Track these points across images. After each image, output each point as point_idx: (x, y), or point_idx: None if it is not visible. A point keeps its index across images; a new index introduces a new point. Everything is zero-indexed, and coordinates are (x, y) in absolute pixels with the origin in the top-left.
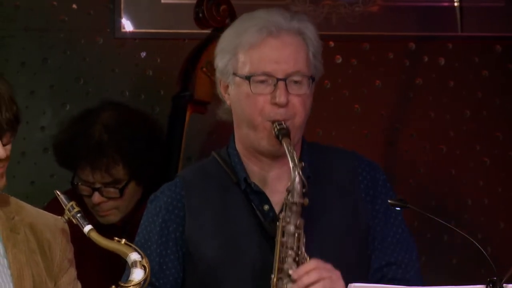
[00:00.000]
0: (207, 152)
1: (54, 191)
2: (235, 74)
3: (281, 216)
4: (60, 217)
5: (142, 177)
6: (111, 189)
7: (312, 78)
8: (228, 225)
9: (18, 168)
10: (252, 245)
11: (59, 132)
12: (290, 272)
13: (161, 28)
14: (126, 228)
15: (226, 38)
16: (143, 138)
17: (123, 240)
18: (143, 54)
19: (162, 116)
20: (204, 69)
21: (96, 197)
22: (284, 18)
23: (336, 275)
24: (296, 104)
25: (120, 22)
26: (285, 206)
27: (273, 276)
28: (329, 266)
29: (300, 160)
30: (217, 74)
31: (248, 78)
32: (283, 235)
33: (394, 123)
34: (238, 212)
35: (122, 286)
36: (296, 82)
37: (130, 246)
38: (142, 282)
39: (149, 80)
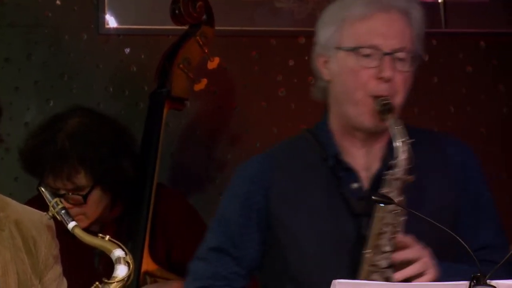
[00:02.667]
0: (188, 147)
1: (39, 188)
2: (338, 47)
3: (380, 192)
4: (44, 213)
5: (107, 183)
6: (75, 196)
7: (416, 57)
8: (313, 200)
9: (2, 164)
10: (337, 221)
11: (27, 139)
12: (386, 248)
13: (145, 25)
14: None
15: (331, 11)
16: (108, 145)
17: (107, 237)
18: (127, 50)
19: (146, 112)
20: (181, 65)
21: None
22: None
23: (432, 266)
24: (399, 82)
25: (104, 18)
26: (388, 180)
27: (367, 251)
28: (427, 257)
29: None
30: (317, 49)
31: (354, 49)
32: (381, 211)
33: None
34: (324, 187)
35: (105, 282)
36: (401, 59)
37: (114, 242)
38: (126, 279)
39: (133, 76)
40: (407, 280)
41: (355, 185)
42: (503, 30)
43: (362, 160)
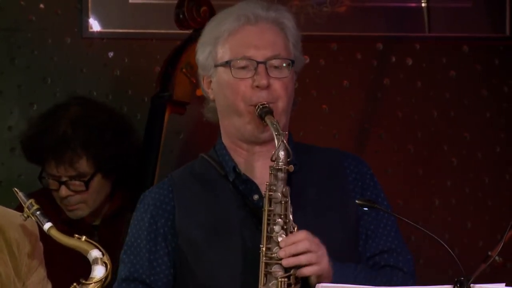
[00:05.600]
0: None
1: (13, 189)
2: (216, 65)
3: (266, 184)
4: (19, 213)
5: (108, 170)
6: (77, 182)
7: (292, 62)
8: (218, 216)
9: None
10: (242, 233)
11: (28, 127)
12: (279, 239)
13: (129, 28)
14: (95, 224)
15: (206, 32)
16: (109, 132)
17: (84, 237)
18: (111, 54)
19: (130, 116)
20: (184, 70)
21: (63, 191)
22: (262, 8)
23: (322, 251)
24: (278, 88)
25: (87, 22)
26: (270, 174)
27: (262, 246)
28: (317, 240)
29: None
30: (199, 70)
31: (228, 63)
32: (270, 204)
33: (362, 123)
34: (227, 202)
35: (83, 283)
36: (276, 67)
37: (91, 243)
38: (103, 279)
39: (116, 80)
40: (297, 267)
41: (256, 197)
42: (486, 34)
43: (260, 172)
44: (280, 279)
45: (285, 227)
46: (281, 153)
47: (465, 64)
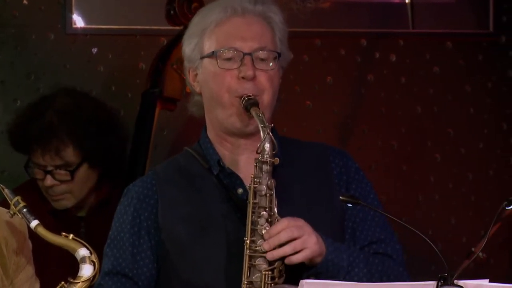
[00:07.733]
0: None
1: None
2: (202, 57)
3: (251, 176)
4: (6, 210)
5: (94, 160)
6: (62, 172)
7: (278, 54)
8: (201, 209)
9: None
10: (226, 227)
11: (15, 117)
12: (263, 232)
13: (113, 24)
14: (81, 215)
15: (193, 24)
16: (95, 122)
17: (71, 235)
18: (95, 50)
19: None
20: (174, 66)
21: (49, 180)
22: (249, 1)
23: (308, 232)
24: (263, 81)
25: (71, 18)
26: (255, 166)
27: (246, 238)
28: (300, 223)
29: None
30: (185, 63)
31: (214, 53)
32: (254, 197)
33: (346, 119)
34: (211, 196)
35: (71, 282)
36: (262, 59)
37: (78, 241)
38: (91, 278)
39: (100, 76)
40: (283, 258)
41: (240, 190)
42: (469, 30)
43: (245, 165)
44: (264, 272)
45: (269, 220)
46: (267, 146)
47: (448, 60)
